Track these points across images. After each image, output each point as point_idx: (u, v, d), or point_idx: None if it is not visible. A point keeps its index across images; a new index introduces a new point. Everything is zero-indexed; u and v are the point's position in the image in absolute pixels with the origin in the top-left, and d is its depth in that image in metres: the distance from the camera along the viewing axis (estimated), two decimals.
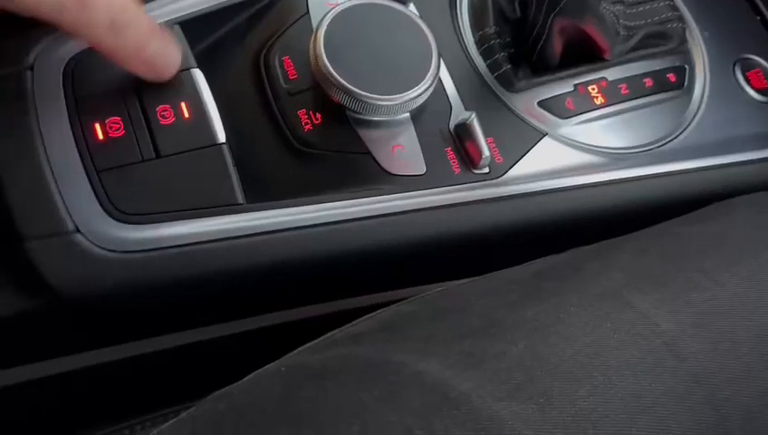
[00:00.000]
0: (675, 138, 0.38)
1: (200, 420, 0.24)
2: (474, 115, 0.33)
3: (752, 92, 0.41)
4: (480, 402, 0.23)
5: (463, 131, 0.33)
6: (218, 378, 0.27)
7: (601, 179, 0.35)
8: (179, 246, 0.29)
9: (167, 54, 0.30)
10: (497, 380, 0.24)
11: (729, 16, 0.43)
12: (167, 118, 0.31)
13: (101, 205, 0.29)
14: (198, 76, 0.32)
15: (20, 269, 0.28)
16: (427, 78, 0.32)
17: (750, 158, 0.38)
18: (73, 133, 0.30)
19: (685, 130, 0.38)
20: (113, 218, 0.29)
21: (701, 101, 0.39)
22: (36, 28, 0.31)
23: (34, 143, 0.29)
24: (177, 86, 0.31)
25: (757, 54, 0.42)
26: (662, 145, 0.37)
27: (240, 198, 0.31)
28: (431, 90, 0.33)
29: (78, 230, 0.28)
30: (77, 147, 0.29)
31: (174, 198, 0.30)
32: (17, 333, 0.29)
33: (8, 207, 0.28)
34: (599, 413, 0.24)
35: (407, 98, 0.32)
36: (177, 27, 0.32)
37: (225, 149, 0.31)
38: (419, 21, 0.33)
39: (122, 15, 0.28)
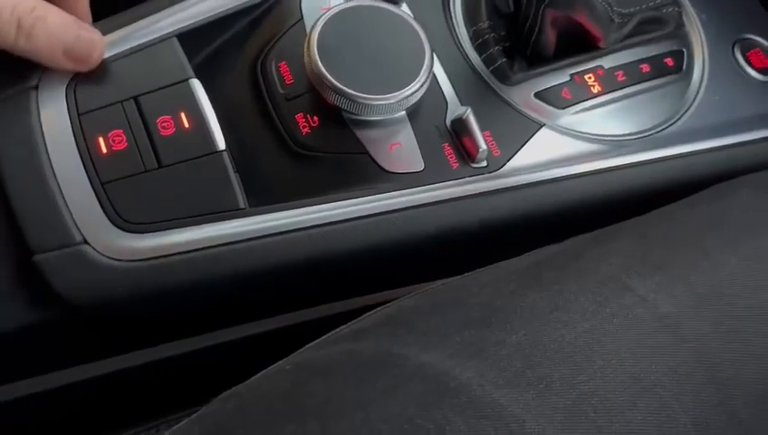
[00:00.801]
0: (675, 122, 0.38)
1: (209, 419, 0.25)
2: (469, 110, 0.34)
3: (752, 72, 0.40)
4: (480, 391, 0.23)
5: (459, 126, 0.34)
6: (232, 379, 0.27)
7: (601, 167, 0.35)
8: (185, 252, 0.30)
9: (85, 42, 0.31)
10: (497, 368, 0.24)
11: None
12: (167, 128, 0.32)
13: (107, 215, 0.30)
14: (197, 86, 0.33)
15: (31, 282, 0.29)
16: (420, 75, 0.33)
17: (753, 137, 0.38)
18: (78, 148, 0.31)
19: (685, 113, 0.38)
20: (119, 228, 0.30)
21: (700, 84, 0.39)
22: None
23: (41, 159, 0.30)
24: (176, 97, 0.32)
25: (756, 34, 0.42)
26: (662, 130, 0.37)
27: (242, 202, 0.31)
28: (425, 87, 0.33)
29: (86, 241, 0.29)
30: (82, 161, 0.30)
31: (178, 206, 0.31)
32: (31, 344, 0.30)
33: (18, 222, 0.29)
34: (599, 396, 0.24)
35: (401, 96, 0.32)
36: (174, 40, 0.33)
37: (226, 155, 0.32)
38: (410, 20, 0.34)
39: (29, 16, 0.28)
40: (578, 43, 0.37)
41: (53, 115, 0.31)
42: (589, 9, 0.35)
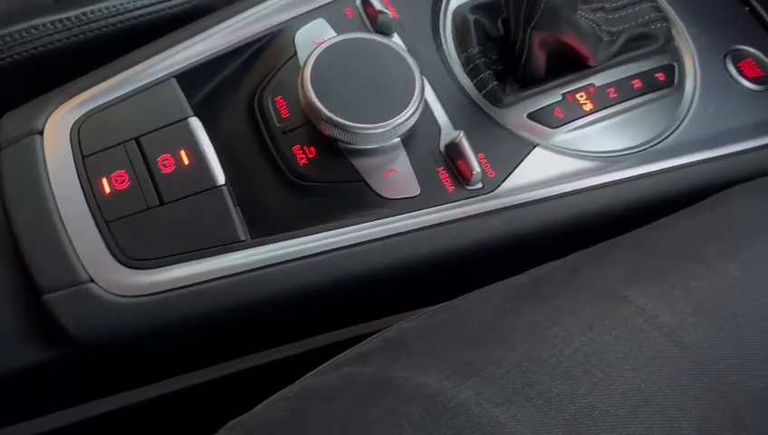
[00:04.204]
0: (669, 135, 0.38)
1: None
2: (461, 134, 0.34)
3: (745, 83, 0.40)
4: (479, 409, 0.23)
5: (453, 150, 0.34)
6: (236, 410, 0.28)
7: (597, 183, 0.36)
8: (189, 285, 0.31)
9: None
10: (495, 386, 0.24)
11: (716, 10, 0.43)
12: (168, 166, 0.33)
13: (112, 253, 0.31)
14: (196, 124, 0.34)
15: (40, 321, 0.29)
16: (412, 102, 0.33)
17: (748, 147, 0.38)
18: (82, 189, 0.32)
19: (679, 126, 0.38)
20: (124, 265, 0.31)
21: (693, 97, 0.39)
22: (44, 95, 0.33)
23: (47, 201, 0.31)
24: (176, 136, 0.33)
25: (748, 45, 0.42)
26: (657, 144, 0.38)
27: (243, 235, 0.32)
28: (418, 114, 0.34)
29: (92, 279, 0.30)
30: (86, 201, 0.31)
31: (180, 241, 0.31)
32: (41, 383, 0.31)
33: (25, 263, 0.30)
34: (600, 410, 0.24)
35: (394, 124, 0.33)
36: (173, 81, 0.34)
37: (226, 190, 0.33)
38: (399, 49, 0.35)
39: None
40: (568, 63, 0.38)
41: (58, 158, 0.32)
42: (575, 30, 0.36)
